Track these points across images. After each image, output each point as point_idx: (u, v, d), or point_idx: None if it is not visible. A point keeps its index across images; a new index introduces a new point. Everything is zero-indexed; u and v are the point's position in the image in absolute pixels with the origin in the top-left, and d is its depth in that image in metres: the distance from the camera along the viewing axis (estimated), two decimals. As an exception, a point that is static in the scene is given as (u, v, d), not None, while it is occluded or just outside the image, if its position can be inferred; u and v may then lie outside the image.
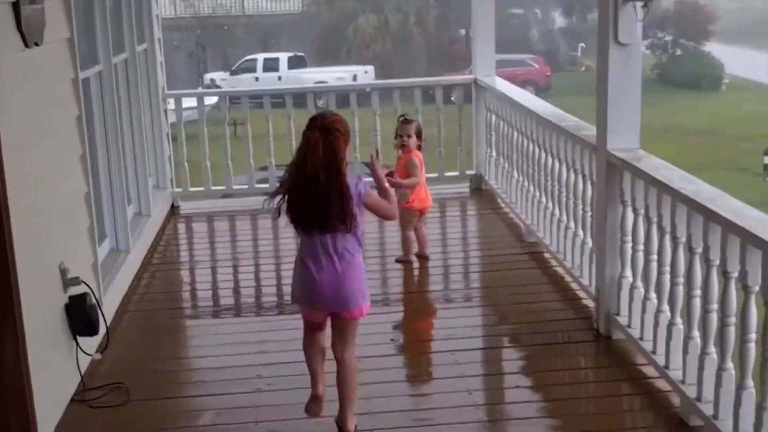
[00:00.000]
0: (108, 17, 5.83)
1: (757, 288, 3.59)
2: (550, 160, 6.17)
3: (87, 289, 4.55)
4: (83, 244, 4.92)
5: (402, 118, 6.58)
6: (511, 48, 35.37)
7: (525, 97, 7.10)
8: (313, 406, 4.17)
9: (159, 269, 6.66)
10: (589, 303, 5.46)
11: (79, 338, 4.53)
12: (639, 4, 4.60)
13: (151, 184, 7.18)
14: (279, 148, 8.32)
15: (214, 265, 6.82)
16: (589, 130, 5.47)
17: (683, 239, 4.19)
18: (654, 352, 4.52)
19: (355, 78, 31.72)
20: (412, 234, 6.48)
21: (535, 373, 4.85)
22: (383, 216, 4.37)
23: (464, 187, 8.50)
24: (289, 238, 7.36)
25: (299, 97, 8.48)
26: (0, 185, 3.45)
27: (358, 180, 3.98)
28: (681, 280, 4.27)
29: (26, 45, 4.02)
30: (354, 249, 4.01)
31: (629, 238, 4.84)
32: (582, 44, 44.08)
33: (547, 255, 6.37)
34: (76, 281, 4.47)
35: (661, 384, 4.46)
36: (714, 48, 38.88)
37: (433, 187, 8.68)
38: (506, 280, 6.23)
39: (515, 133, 7.09)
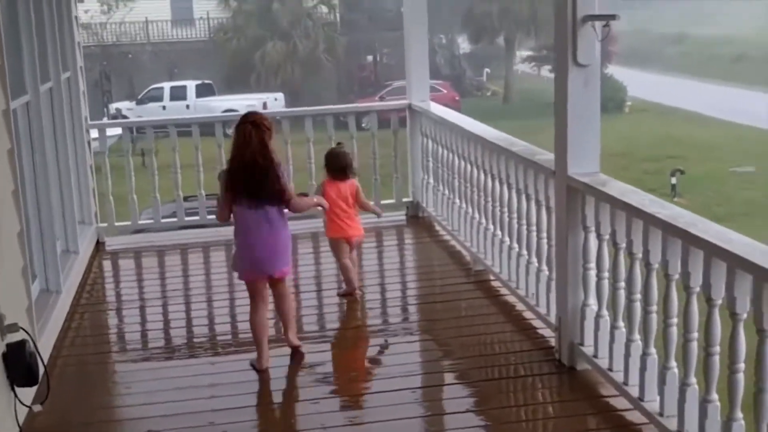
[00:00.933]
0: (35, 43, 5.49)
1: (745, 315, 3.48)
2: (498, 186, 6.03)
3: (25, 336, 4.21)
4: (17, 286, 4.57)
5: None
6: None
7: (466, 121, 6.94)
8: (258, 366, 5.05)
9: (89, 310, 6.28)
10: (548, 332, 5.30)
11: (17, 389, 4.18)
12: (599, 24, 4.49)
13: (77, 219, 6.80)
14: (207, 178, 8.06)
15: (147, 305, 6.46)
16: (542, 155, 5.35)
17: (656, 265, 4.08)
18: (626, 383, 4.37)
19: (265, 105, 31.41)
20: (347, 262, 6.26)
21: (489, 411, 4.62)
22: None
23: (401, 215, 8.31)
24: (221, 273, 7.11)
25: (208, 126, 8.27)
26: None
27: (281, 165, 5.05)
28: (655, 308, 4.14)
29: (-42, 73, 3.69)
30: (283, 222, 5.07)
31: (592, 265, 4.70)
32: (487, 69, 44.67)
33: (496, 284, 6.20)
34: (14, 328, 4.13)
35: (635, 416, 4.30)
36: (615, 71, 39.75)
37: (369, 216, 8.53)
38: (452, 311, 6.02)
39: (457, 159, 6.94)
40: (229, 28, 37.85)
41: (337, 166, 6.19)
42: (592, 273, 4.71)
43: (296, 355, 5.18)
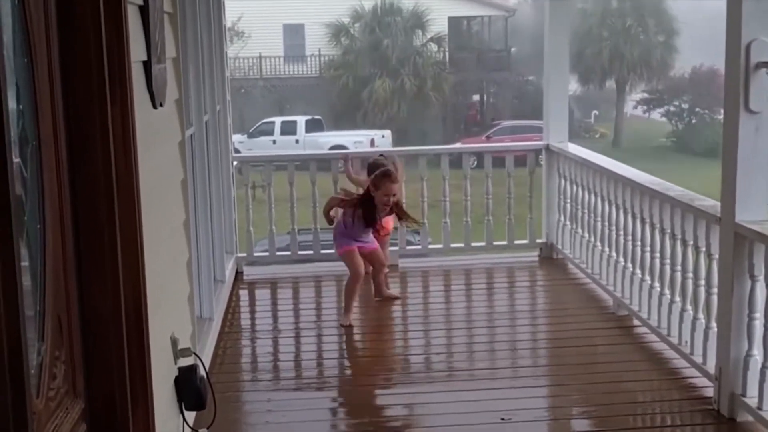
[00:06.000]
0: (201, 77, 5.68)
1: None
2: (648, 230, 5.96)
3: (196, 361, 4.31)
4: (184, 313, 4.70)
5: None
6: (526, 114, 35.49)
7: (612, 163, 6.90)
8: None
9: (237, 337, 6.42)
10: (703, 382, 5.18)
11: (185, 412, 4.28)
12: (776, 71, 4.43)
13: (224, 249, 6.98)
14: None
15: (288, 335, 6.56)
16: (702, 200, 5.28)
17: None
18: (797, 437, 4.26)
19: (372, 142, 31.75)
20: None
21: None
22: None
23: (533, 256, 8.29)
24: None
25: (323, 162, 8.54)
26: (138, 252, 3.22)
27: None
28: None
29: (153, 105, 3.84)
30: None
31: (759, 314, 4.60)
32: (595, 111, 44.26)
33: (641, 330, 6.11)
34: (187, 352, 4.24)
35: (807, 471, 4.19)
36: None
37: (502, 255, 8.53)
38: (587, 355, 5.87)
39: (600, 202, 6.90)
40: (339, 64, 38.36)
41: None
42: (758, 323, 4.61)
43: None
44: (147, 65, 3.71)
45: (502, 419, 4.90)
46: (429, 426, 4.93)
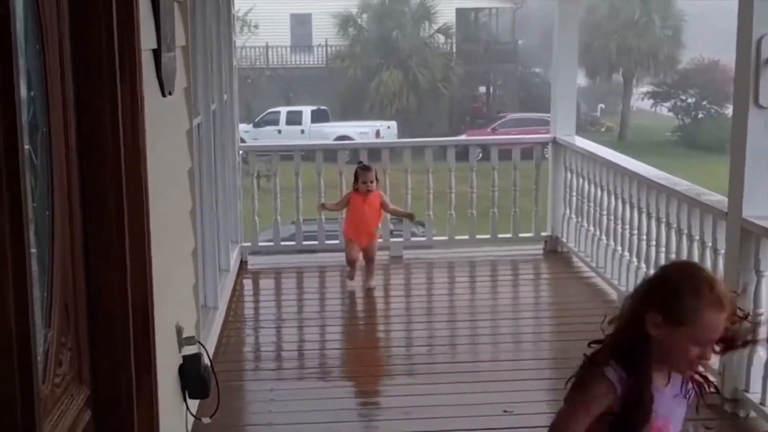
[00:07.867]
0: (209, 67, 5.68)
1: None
2: (654, 224, 5.96)
3: (200, 349, 4.32)
4: (189, 301, 4.70)
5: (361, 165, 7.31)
6: (532, 107, 35.43)
7: (620, 157, 6.90)
8: None
9: (240, 327, 6.44)
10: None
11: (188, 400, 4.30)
12: (786, 67, 4.41)
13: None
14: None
15: (293, 325, 6.58)
16: (709, 195, 5.28)
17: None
18: (800, 433, 4.26)
19: (378, 133, 31.72)
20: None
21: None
22: None
23: (538, 249, 8.28)
24: (359, 295, 7.20)
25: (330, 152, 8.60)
26: (145, 241, 3.22)
27: None
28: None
29: (163, 94, 3.84)
30: None
31: (764, 310, 4.60)
32: (601, 105, 44.19)
33: (646, 324, 6.10)
34: (191, 341, 4.24)
35: (809, 468, 4.20)
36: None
37: (507, 247, 8.51)
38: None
39: (606, 196, 6.90)
40: (346, 55, 38.30)
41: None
42: (764, 319, 4.60)
43: None
44: (157, 53, 3.71)
45: (505, 411, 4.90)
46: (431, 417, 4.92)
